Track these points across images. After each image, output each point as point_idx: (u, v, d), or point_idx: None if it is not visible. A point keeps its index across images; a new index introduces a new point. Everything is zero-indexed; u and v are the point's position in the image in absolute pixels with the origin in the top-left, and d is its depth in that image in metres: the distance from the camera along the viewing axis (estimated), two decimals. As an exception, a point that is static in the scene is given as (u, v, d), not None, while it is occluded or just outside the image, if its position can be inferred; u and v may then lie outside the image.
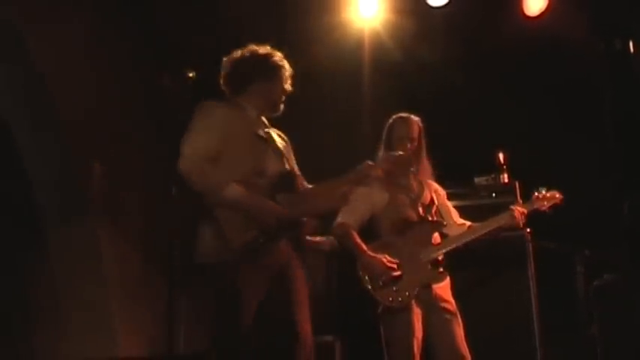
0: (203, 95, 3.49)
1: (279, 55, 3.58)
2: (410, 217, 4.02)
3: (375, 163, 3.54)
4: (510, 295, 4.69)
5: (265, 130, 3.55)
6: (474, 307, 4.22)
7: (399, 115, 4.14)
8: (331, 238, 4.27)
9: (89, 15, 5.26)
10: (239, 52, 3.59)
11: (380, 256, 3.85)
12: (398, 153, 3.84)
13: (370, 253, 3.87)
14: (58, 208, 5.20)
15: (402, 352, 3.81)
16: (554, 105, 5.62)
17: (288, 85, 3.58)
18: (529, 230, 4.65)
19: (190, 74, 3.81)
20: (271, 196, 3.35)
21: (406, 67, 5.82)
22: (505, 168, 5.02)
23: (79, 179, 5.21)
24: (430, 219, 4.06)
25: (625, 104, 5.11)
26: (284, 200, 3.33)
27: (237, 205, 3.27)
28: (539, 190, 4.13)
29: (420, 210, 4.05)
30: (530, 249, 4.73)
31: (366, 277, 3.86)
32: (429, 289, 3.89)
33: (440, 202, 4.16)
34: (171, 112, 3.29)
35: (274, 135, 3.60)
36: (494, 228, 4.02)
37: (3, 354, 4.88)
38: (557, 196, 4.13)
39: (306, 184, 3.60)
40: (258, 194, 3.31)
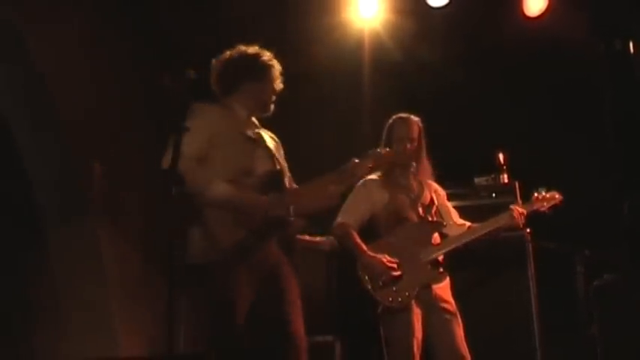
0: (203, 96, 3.49)
1: (268, 55, 3.56)
2: (410, 217, 4.03)
3: (361, 161, 3.50)
4: (510, 295, 4.69)
5: (255, 131, 3.55)
6: (473, 307, 4.23)
7: (398, 116, 4.14)
8: (331, 238, 4.28)
9: (89, 15, 5.25)
10: (228, 53, 3.58)
11: (380, 256, 3.85)
12: (384, 150, 3.79)
13: (370, 253, 3.88)
14: (58, 208, 5.19)
15: (402, 352, 3.81)
16: (554, 105, 5.62)
17: (278, 85, 3.56)
18: (529, 230, 4.65)
19: (191, 74, 3.81)
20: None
21: (406, 67, 5.82)
22: (505, 168, 5.03)
23: (79, 179, 5.21)
24: (430, 219, 4.07)
25: (625, 104, 5.11)
26: (273, 200, 3.33)
27: (226, 203, 3.26)
28: (538, 191, 4.15)
29: (420, 210, 4.06)
30: (530, 249, 4.73)
31: (366, 277, 3.86)
32: (428, 289, 3.90)
33: (440, 203, 4.16)
34: (172, 112, 3.28)
35: (264, 135, 3.59)
36: (493, 228, 4.02)
37: (3, 354, 4.87)
38: (557, 197, 4.14)
39: (295, 185, 3.58)
40: (246, 190, 3.31)
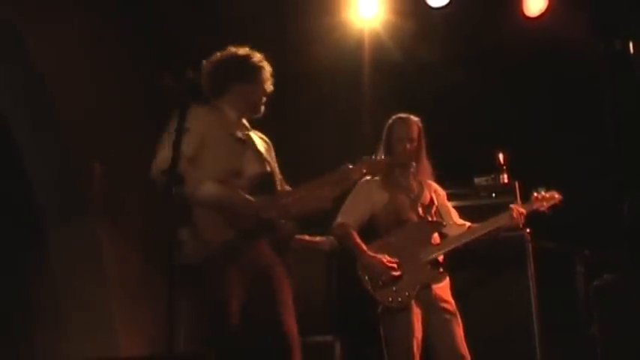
0: (203, 96, 3.49)
1: (258, 57, 3.56)
2: (410, 217, 4.03)
3: (355, 166, 3.51)
4: (510, 295, 4.69)
5: (245, 132, 3.54)
6: (473, 307, 4.23)
7: (398, 116, 4.14)
8: (331, 238, 4.28)
9: (89, 15, 5.25)
10: (219, 54, 3.57)
11: (380, 257, 3.85)
12: (379, 157, 3.84)
13: (370, 253, 3.88)
14: (58, 208, 5.19)
15: (402, 352, 3.81)
16: (554, 105, 5.62)
17: (268, 86, 3.55)
18: (529, 230, 4.65)
19: (191, 74, 3.80)
20: None
21: (406, 67, 5.82)
22: (505, 168, 5.03)
23: (79, 179, 5.21)
24: (430, 219, 4.07)
25: (625, 104, 5.10)
26: (263, 202, 3.33)
27: (215, 202, 3.26)
28: (538, 191, 4.14)
29: (420, 210, 4.06)
30: (530, 249, 4.73)
31: (366, 277, 3.86)
32: (428, 289, 3.90)
33: (440, 203, 4.16)
34: (169, 113, 3.27)
35: (254, 137, 3.59)
36: (493, 228, 4.02)
37: (3, 354, 4.87)
38: (557, 197, 4.14)
39: (287, 187, 3.58)
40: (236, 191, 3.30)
